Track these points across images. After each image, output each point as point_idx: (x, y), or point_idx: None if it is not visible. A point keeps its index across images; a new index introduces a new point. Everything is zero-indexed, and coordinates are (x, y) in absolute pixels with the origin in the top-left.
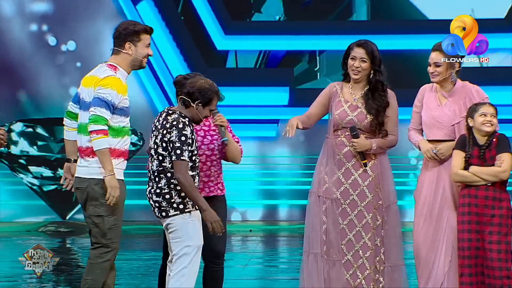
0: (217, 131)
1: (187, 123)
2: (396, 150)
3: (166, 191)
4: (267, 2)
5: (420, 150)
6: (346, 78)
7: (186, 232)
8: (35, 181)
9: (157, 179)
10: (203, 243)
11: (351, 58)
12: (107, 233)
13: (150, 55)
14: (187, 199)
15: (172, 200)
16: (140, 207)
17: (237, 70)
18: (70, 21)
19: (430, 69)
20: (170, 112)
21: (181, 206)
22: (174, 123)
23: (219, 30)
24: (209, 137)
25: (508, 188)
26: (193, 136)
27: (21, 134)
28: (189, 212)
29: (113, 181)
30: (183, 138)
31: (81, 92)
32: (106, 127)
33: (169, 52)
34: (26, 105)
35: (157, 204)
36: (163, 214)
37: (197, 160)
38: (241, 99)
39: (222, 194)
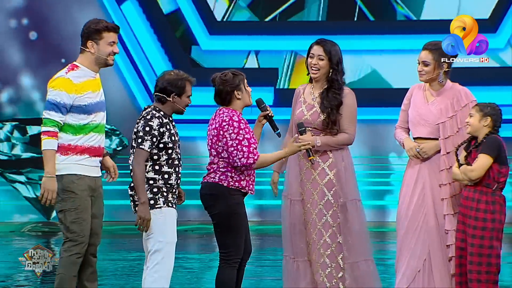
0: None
1: (157, 115)
2: (379, 151)
3: None
4: None
5: (404, 148)
6: (310, 78)
7: (157, 228)
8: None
9: (131, 173)
10: (176, 240)
11: (310, 57)
12: (70, 226)
13: (115, 53)
14: (158, 195)
15: None
16: (124, 207)
17: (222, 71)
18: (52, 20)
19: (418, 67)
20: (146, 107)
21: (151, 202)
22: (145, 115)
23: (204, 30)
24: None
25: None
26: (162, 130)
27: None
28: (160, 208)
29: (47, 183)
30: (147, 128)
31: None
32: (54, 129)
33: (153, 52)
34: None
35: (131, 198)
36: (136, 209)
37: (176, 157)
38: None
39: None
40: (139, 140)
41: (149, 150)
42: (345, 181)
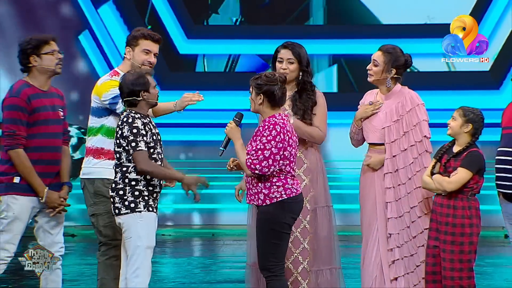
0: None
1: (137, 117)
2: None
3: (120, 186)
4: (224, 3)
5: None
6: None
7: (135, 232)
8: None
9: (114, 173)
10: (154, 244)
11: (278, 61)
12: (103, 231)
13: (150, 62)
14: (139, 199)
15: (125, 197)
16: None
17: (204, 74)
18: (26, 24)
19: (368, 66)
20: (122, 113)
21: (132, 205)
22: (125, 119)
23: (182, 34)
24: None
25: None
26: (146, 129)
27: None
28: (140, 212)
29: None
30: (134, 131)
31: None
32: None
33: None
34: None
35: (111, 199)
36: (116, 211)
37: (157, 157)
38: (208, 103)
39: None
40: (133, 144)
41: (147, 149)
42: (315, 186)
